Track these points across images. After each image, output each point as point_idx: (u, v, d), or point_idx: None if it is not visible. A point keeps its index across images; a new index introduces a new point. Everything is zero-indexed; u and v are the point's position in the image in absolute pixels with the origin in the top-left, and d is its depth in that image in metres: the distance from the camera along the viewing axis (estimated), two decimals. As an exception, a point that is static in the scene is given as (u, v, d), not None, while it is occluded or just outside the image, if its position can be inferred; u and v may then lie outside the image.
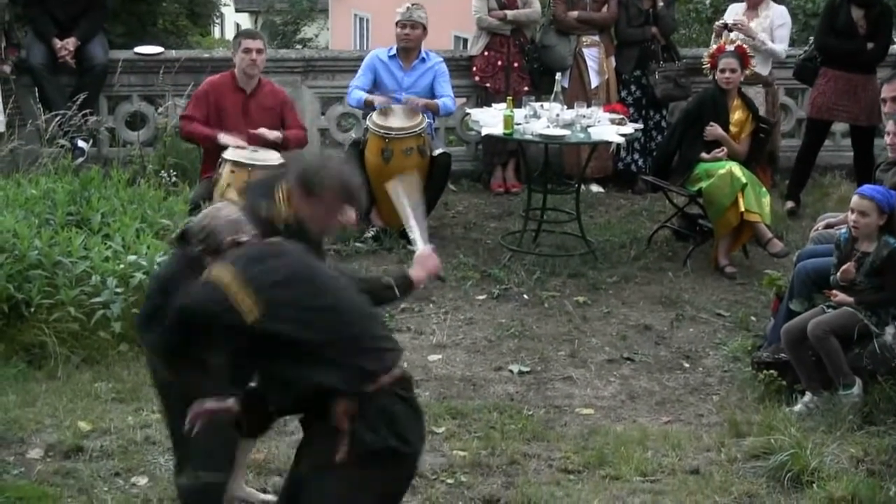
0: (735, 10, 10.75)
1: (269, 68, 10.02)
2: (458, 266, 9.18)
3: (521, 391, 7.31)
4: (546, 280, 9.01)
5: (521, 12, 10.97)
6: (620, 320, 8.43)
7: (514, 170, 11.18)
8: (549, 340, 8.05)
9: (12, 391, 6.87)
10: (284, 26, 37.34)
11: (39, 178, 8.66)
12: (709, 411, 7.11)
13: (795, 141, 11.44)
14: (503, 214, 10.52)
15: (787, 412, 6.83)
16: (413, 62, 9.89)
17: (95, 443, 6.31)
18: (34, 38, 10.40)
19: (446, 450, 6.44)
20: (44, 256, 7.40)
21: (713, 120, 9.41)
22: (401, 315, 8.37)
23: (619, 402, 7.23)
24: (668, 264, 9.44)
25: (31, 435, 6.42)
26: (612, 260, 9.46)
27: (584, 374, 7.59)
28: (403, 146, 9.36)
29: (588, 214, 10.31)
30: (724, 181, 9.08)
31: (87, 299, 7.30)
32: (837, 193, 10.80)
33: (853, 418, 6.67)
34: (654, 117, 11.25)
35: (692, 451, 6.48)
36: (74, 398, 6.83)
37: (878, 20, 10.21)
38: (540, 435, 6.66)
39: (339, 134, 11.32)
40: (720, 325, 8.40)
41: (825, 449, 6.26)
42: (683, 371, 7.71)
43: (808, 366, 6.97)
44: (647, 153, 11.17)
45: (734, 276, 9.21)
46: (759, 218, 9.11)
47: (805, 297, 7.26)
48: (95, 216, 8.11)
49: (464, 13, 11.61)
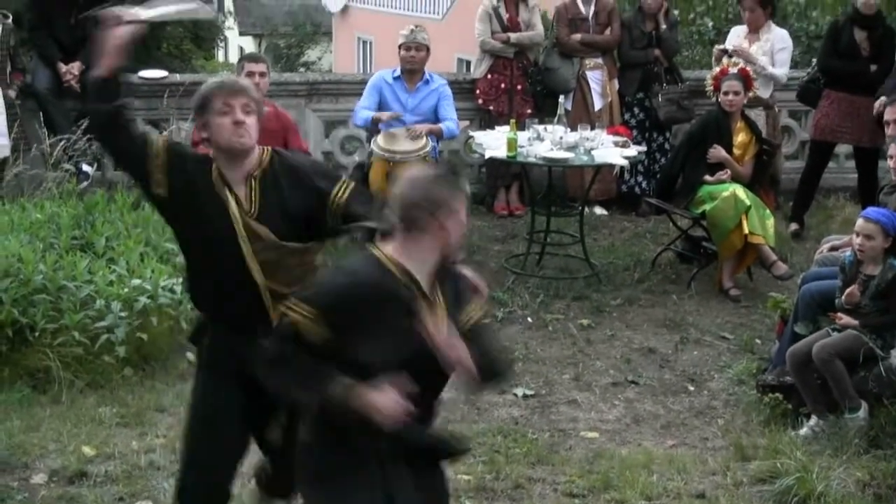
0: (736, 33, 10.77)
1: (273, 91, 10.03)
2: (462, 289, 9.15)
3: (525, 415, 7.29)
4: (550, 303, 9.01)
5: (524, 35, 11.00)
6: (625, 343, 8.42)
7: (518, 192, 11.20)
8: (554, 363, 8.04)
9: (16, 416, 6.86)
10: (288, 49, 37.47)
11: (44, 202, 8.67)
12: (714, 435, 7.09)
13: (799, 163, 11.46)
14: (507, 237, 10.53)
15: (793, 436, 6.81)
16: (417, 84, 9.91)
17: (99, 468, 6.29)
18: (39, 62, 10.42)
19: (451, 474, 6.40)
20: (48, 281, 7.40)
21: (716, 142, 9.42)
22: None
23: (623, 426, 7.22)
24: (672, 287, 9.44)
25: (35, 460, 6.40)
26: (615, 283, 9.46)
27: (589, 398, 7.58)
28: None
29: (592, 237, 10.31)
30: (727, 203, 9.08)
31: (92, 323, 7.30)
32: (842, 215, 10.80)
33: (859, 442, 6.64)
34: (657, 140, 11.27)
35: (697, 474, 6.46)
36: (78, 423, 6.82)
37: (882, 42, 10.24)
38: (545, 459, 6.63)
39: (342, 157, 11.34)
40: (725, 348, 8.39)
41: (831, 473, 6.23)
42: (688, 394, 7.70)
43: (813, 389, 6.96)
44: (650, 175, 11.18)
45: (738, 298, 9.20)
46: (763, 240, 9.10)
47: (810, 319, 7.24)
48: (100, 240, 8.11)
49: (467, 36, 11.63)
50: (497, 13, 11.01)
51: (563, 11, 11.23)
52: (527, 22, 11.06)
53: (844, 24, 10.33)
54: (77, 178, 9.71)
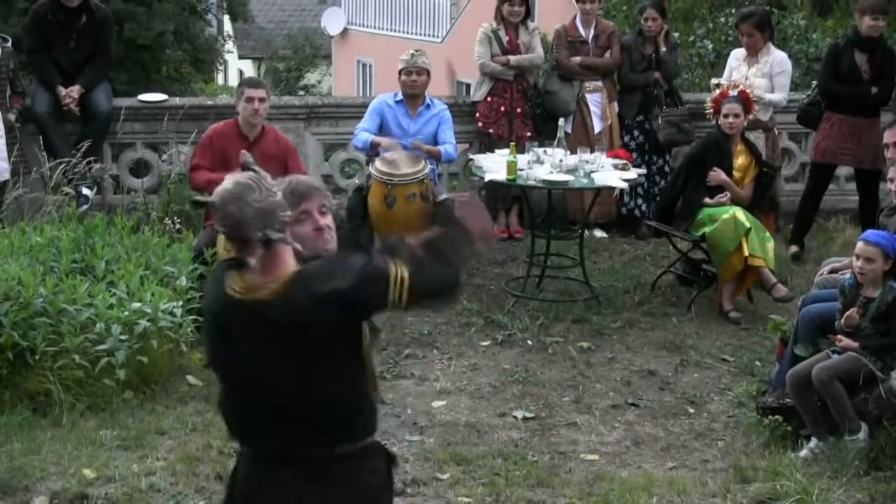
0: (736, 56, 10.79)
1: (273, 115, 10.06)
2: (461, 312, 9.17)
3: (525, 437, 7.29)
4: (550, 326, 9.01)
5: (524, 57, 11.02)
6: (625, 366, 8.42)
7: (518, 215, 11.21)
8: (554, 386, 8.04)
9: (17, 439, 6.85)
10: (287, 73, 37.56)
11: (44, 225, 8.67)
12: (714, 457, 7.08)
13: (799, 185, 11.48)
14: (506, 260, 10.53)
15: (793, 458, 6.80)
16: (419, 108, 9.92)
17: (100, 490, 6.29)
18: (38, 85, 10.44)
19: (451, 497, 6.42)
20: (48, 304, 7.40)
21: (716, 165, 9.43)
22: (405, 361, 8.37)
23: (623, 448, 7.21)
24: (673, 309, 9.44)
25: (36, 483, 6.40)
26: (616, 305, 9.46)
27: (589, 420, 7.57)
28: (406, 192, 9.33)
29: (591, 260, 10.32)
30: (727, 226, 9.09)
31: (92, 347, 7.30)
32: (842, 238, 10.81)
33: (859, 464, 6.64)
34: (657, 162, 11.28)
35: (697, 497, 6.45)
36: (79, 446, 6.81)
37: (882, 64, 10.26)
38: (545, 481, 6.63)
39: (342, 180, 11.35)
40: (725, 371, 8.39)
41: (831, 495, 6.24)
42: (688, 416, 7.69)
43: (813, 411, 6.96)
44: (650, 198, 11.20)
45: (739, 321, 9.20)
46: (764, 263, 9.11)
47: (810, 341, 7.25)
48: (100, 263, 8.11)
49: (467, 59, 11.65)
50: (497, 36, 11.04)
51: (562, 34, 11.26)
52: (527, 44, 11.09)
53: (845, 47, 10.35)
54: (77, 202, 9.72)
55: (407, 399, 7.78)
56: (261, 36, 38.90)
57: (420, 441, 7.15)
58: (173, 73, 22.09)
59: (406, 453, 6.91)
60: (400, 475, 6.59)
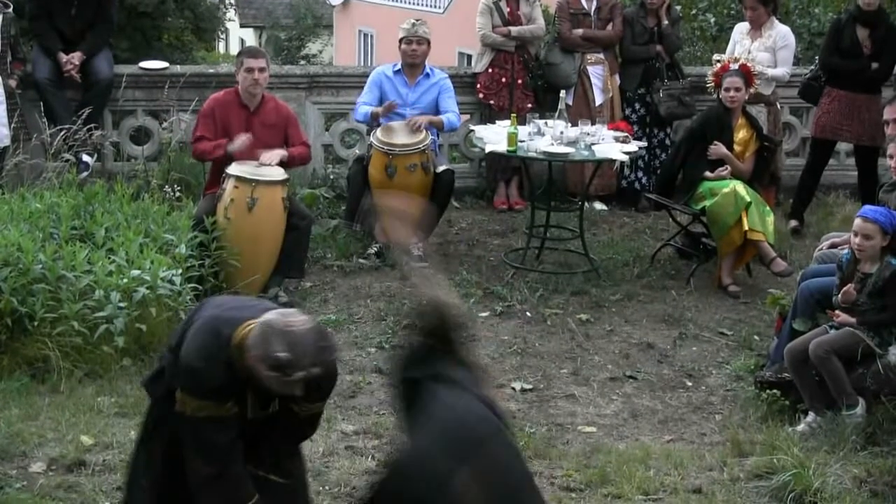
0: (739, 30, 10.76)
1: (274, 84, 10.04)
2: (461, 283, 9.17)
3: (523, 409, 7.30)
4: (549, 297, 9.01)
5: (525, 28, 11.00)
6: (623, 338, 8.43)
7: (518, 187, 11.20)
8: (552, 358, 8.05)
9: (15, 405, 6.87)
10: (289, 42, 37.47)
11: (44, 192, 8.66)
12: (711, 430, 7.10)
13: (800, 160, 11.47)
14: (506, 231, 10.53)
15: (790, 432, 6.81)
16: (418, 78, 9.90)
17: (98, 457, 6.30)
18: (40, 52, 10.41)
19: (448, 467, 6.42)
20: (48, 270, 7.39)
21: (717, 138, 9.42)
22: (404, 331, 8.35)
23: (621, 421, 7.22)
24: (672, 283, 9.44)
25: (34, 448, 6.41)
26: (615, 278, 9.46)
27: (587, 392, 7.58)
28: (407, 162, 9.37)
29: (591, 232, 10.32)
30: (727, 200, 9.09)
31: (91, 314, 7.30)
32: (841, 213, 10.81)
33: (856, 438, 6.65)
34: (657, 135, 11.27)
35: (695, 470, 6.47)
36: (77, 412, 6.82)
37: (884, 40, 10.23)
38: (542, 453, 6.64)
39: (342, 150, 11.34)
40: (723, 344, 8.40)
41: (828, 469, 6.24)
42: (686, 390, 7.70)
43: (811, 385, 6.97)
44: (650, 171, 11.19)
45: (737, 294, 9.20)
46: (763, 237, 9.10)
47: (808, 316, 7.25)
48: (99, 231, 8.11)
49: (468, 29, 11.63)
50: (498, 7, 11.01)
51: (564, 6, 11.23)
52: (528, 16, 11.06)
53: (846, 22, 10.33)
54: (77, 169, 9.70)
55: (405, 369, 7.77)
56: (262, 5, 38.83)
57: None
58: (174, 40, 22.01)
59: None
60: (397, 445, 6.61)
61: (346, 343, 8.12)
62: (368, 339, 8.20)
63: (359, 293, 9.00)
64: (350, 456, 6.50)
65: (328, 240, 9.83)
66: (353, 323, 8.48)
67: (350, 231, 9.85)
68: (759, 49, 10.46)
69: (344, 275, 9.32)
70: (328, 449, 6.54)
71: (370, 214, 9.66)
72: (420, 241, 9.47)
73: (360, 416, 7.06)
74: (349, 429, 6.84)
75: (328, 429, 6.77)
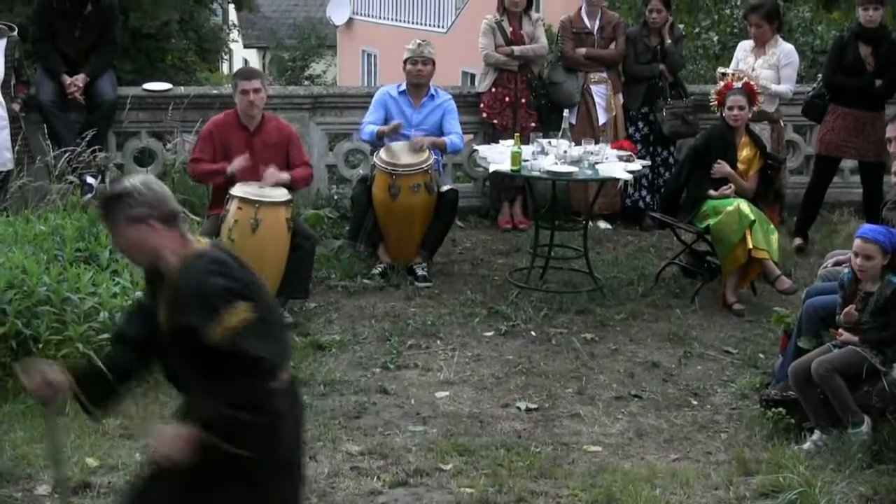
0: (743, 48, 10.76)
1: (277, 104, 10.07)
2: (465, 303, 9.17)
3: (528, 428, 7.29)
4: (554, 317, 9.00)
5: (528, 48, 11.01)
6: (628, 357, 8.42)
7: (522, 206, 11.20)
8: (557, 377, 8.04)
9: (20, 427, 6.87)
10: (293, 62, 37.49)
11: (48, 214, 8.67)
12: (717, 449, 7.08)
13: (803, 178, 11.46)
14: (511, 251, 10.53)
15: (796, 450, 6.80)
16: (422, 99, 9.92)
17: (103, 479, 6.30)
18: (43, 74, 10.44)
19: (453, 487, 6.42)
20: (52, 293, 7.40)
21: (721, 157, 9.42)
22: (408, 351, 8.37)
23: (626, 440, 7.21)
24: (676, 301, 9.44)
25: (39, 471, 6.41)
26: (619, 297, 9.46)
27: (592, 412, 7.57)
28: (410, 182, 9.38)
29: (596, 251, 10.31)
30: (732, 218, 9.08)
31: (96, 335, 7.30)
32: (846, 230, 10.78)
33: (862, 456, 6.63)
34: (661, 154, 11.27)
35: (700, 488, 6.45)
36: (82, 434, 6.81)
37: (886, 57, 10.23)
38: (547, 472, 6.63)
39: (346, 170, 11.36)
40: (728, 363, 8.39)
41: (834, 487, 6.22)
42: (691, 408, 7.69)
43: (816, 404, 6.95)
44: (654, 190, 11.19)
45: (742, 313, 9.19)
46: (768, 255, 9.10)
47: (813, 334, 7.24)
48: (104, 252, 8.11)
49: (471, 49, 11.65)
50: (500, 27, 11.03)
51: (567, 25, 11.25)
52: (530, 35, 11.08)
53: (849, 39, 10.34)
54: (81, 191, 9.72)
55: (410, 389, 7.78)
56: (266, 25, 38.84)
57: (423, 431, 7.15)
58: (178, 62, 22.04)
59: (409, 444, 6.92)
60: (403, 465, 6.61)
61: (350, 364, 8.13)
62: (373, 360, 8.20)
63: (363, 313, 9.00)
64: (355, 476, 6.49)
65: (332, 260, 9.83)
66: (357, 343, 8.48)
67: (354, 251, 9.86)
68: (763, 66, 10.46)
69: (348, 295, 9.32)
70: (333, 470, 6.54)
71: (374, 235, 9.69)
72: (424, 262, 9.66)
73: (366, 436, 7.05)
74: (354, 449, 6.83)
75: (333, 449, 6.78)
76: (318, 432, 6.98)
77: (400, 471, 6.56)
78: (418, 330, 8.72)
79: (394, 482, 6.43)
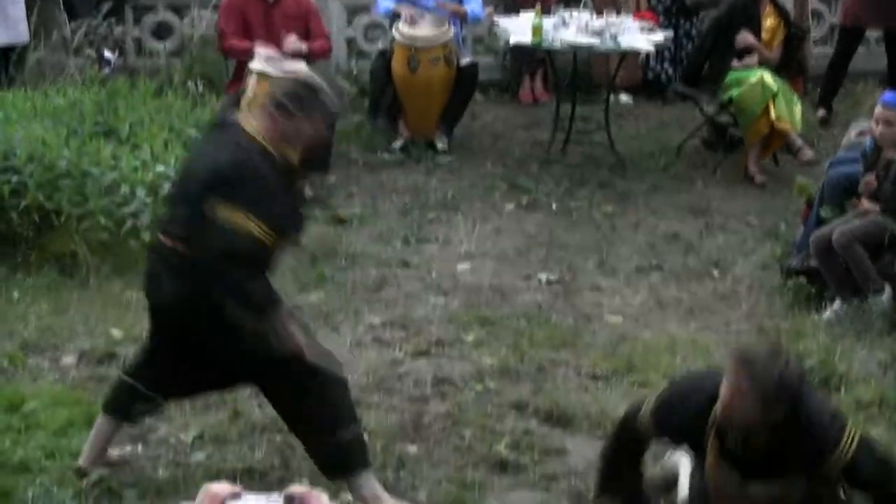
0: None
1: (296, -23, 9.93)
2: (485, 176, 9.15)
3: (549, 300, 7.31)
4: (575, 190, 8.98)
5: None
6: (649, 229, 8.41)
7: (543, 79, 11.10)
8: (578, 250, 8.04)
9: (45, 300, 6.93)
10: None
11: (66, 88, 8.63)
12: (738, 319, 7.10)
13: (828, 48, 11.30)
14: (531, 124, 10.46)
15: (817, 319, 6.83)
16: (440, -30, 9.79)
17: (127, 350, 6.34)
18: (59, -55, 10.32)
19: (475, 357, 6.46)
20: (73, 166, 7.37)
21: (744, 27, 9.30)
22: (429, 225, 8.37)
23: (647, 310, 7.23)
24: (698, 173, 9.39)
25: (65, 342, 6.48)
26: (640, 170, 9.42)
27: (613, 283, 7.58)
28: (430, 56, 9.31)
29: (617, 124, 10.22)
30: (754, 89, 9.00)
31: (117, 209, 7.30)
32: (870, 101, 10.57)
33: (882, 324, 6.66)
34: (683, 26, 11.12)
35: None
36: (106, 306, 6.88)
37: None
38: (568, 342, 6.67)
39: (365, 44, 11.25)
40: (749, 234, 8.37)
41: (854, 354, 6.27)
42: (712, 279, 7.69)
43: (837, 273, 6.94)
44: (676, 62, 11.06)
45: (764, 184, 9.15)
46: (790, 126, 9.04)
47: (835, 203, 7.21)
48: (123, 126, 8.08)
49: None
50: None
51: None
52: None
53: None
54: (99, 65, 9.66)
55: (431, 262, 7.80)
56: None
57: (444, 303, 7.18)
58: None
59: (430, 315, 6.96)
60: (424, 336, 6.65)
61: (371, 237, 8.14)
62: (394, 233, 8.21)
63: (383, 188, 8.99)
64: (377, 347, 6.54)
65: (352, 135, 9.79)
66: (378, 217, 8.48)
67: (374, 125, 9.82)
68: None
69: (369, 169, 9.30)
70: (355, 340, 6.59)
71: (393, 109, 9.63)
72: (444, 135, 9.60)
73: (387, 308, 7.09)
74: (376, 320, 6.87)
75: (355, 321, 6.81)
76: (340, 304, 7.02)
77: (422, 341, 6.61)
78: (439, 203, 8.71)
79: (415, 352, 6.48)
